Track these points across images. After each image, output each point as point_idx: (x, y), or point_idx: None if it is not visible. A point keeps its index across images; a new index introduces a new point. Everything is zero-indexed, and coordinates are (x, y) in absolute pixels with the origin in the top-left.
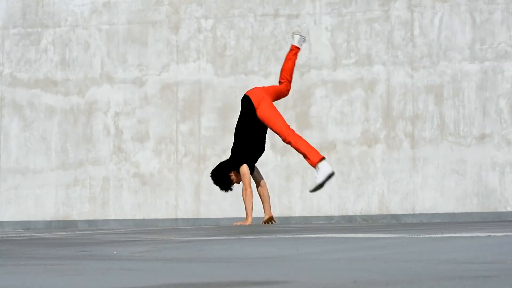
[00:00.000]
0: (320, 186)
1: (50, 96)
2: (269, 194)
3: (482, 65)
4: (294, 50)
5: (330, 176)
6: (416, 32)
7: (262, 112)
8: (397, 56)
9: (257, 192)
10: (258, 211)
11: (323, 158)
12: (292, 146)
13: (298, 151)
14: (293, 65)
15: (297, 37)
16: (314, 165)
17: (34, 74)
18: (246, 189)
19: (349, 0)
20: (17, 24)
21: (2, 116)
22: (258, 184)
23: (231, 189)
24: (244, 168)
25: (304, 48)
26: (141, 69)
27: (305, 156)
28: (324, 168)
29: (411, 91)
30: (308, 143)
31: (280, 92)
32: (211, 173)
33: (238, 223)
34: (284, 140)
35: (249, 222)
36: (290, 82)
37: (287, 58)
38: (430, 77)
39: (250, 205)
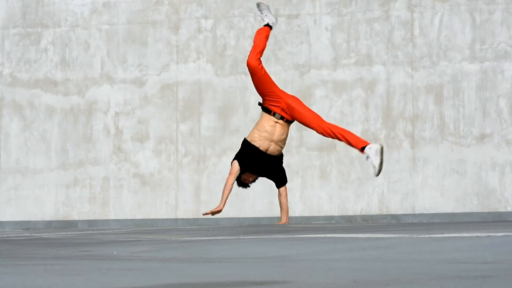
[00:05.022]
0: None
1: (50, 96)
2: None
3: (482, 65)
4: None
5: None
6: (416, 32)
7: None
8: (397, 56)
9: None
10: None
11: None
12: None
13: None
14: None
15: (377, 147)
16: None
17: (34, 74)
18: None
19: (349, 0)
20: (17, 24)
21: (2, 116)
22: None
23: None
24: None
25: (304, 48)
26: (141, 69)
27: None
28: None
29: (411, 91)
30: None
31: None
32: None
33: (209, 211)
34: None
35: (220, 207)
36: (331, 126)
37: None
38: (430, 77)
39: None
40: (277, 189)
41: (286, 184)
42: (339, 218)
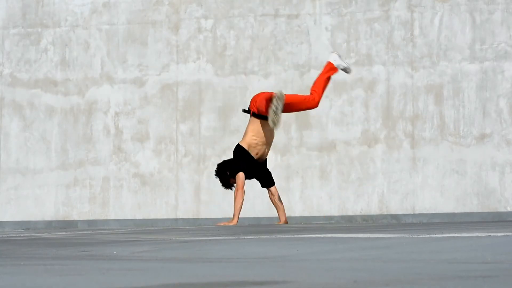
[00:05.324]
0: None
1: (50, 96)
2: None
3: (482, 65)
4: (330, 69)
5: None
6: (416, 32)
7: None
8: (397, 56)
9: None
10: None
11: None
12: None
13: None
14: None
15: (335, 56)
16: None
17: (34, 74)
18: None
19: (349, 0)
20: (17, 24)
21: (2, 116)
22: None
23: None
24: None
25: (304, 48)
26: (141, 69)
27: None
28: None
29: (411, 91)
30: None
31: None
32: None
33: (222, 224)
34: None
35: (234, 222)
36: (317, 94)
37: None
38: (430, 77)
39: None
40: (267, 190)
41: (275, 185)
42: (339, 218)
